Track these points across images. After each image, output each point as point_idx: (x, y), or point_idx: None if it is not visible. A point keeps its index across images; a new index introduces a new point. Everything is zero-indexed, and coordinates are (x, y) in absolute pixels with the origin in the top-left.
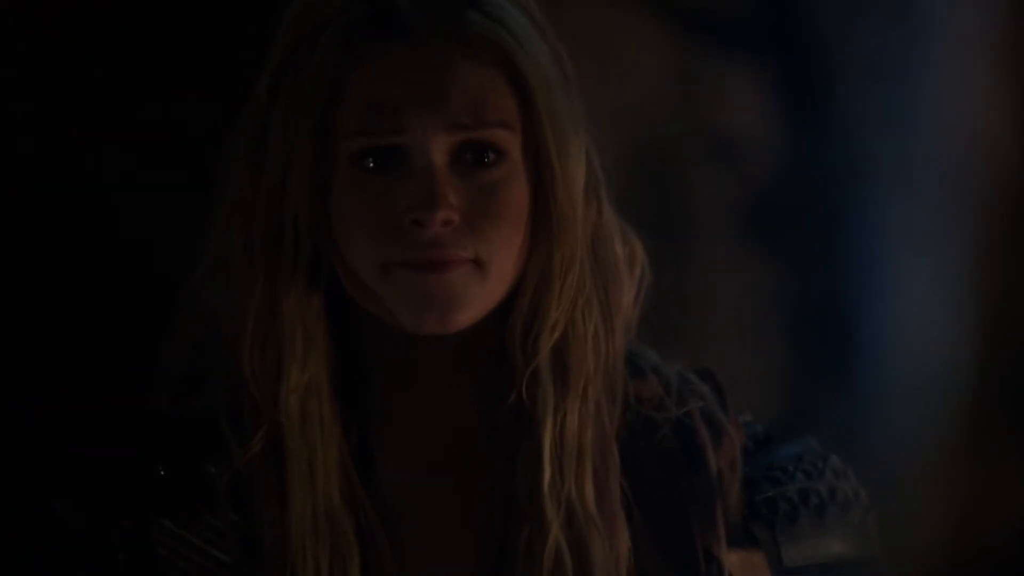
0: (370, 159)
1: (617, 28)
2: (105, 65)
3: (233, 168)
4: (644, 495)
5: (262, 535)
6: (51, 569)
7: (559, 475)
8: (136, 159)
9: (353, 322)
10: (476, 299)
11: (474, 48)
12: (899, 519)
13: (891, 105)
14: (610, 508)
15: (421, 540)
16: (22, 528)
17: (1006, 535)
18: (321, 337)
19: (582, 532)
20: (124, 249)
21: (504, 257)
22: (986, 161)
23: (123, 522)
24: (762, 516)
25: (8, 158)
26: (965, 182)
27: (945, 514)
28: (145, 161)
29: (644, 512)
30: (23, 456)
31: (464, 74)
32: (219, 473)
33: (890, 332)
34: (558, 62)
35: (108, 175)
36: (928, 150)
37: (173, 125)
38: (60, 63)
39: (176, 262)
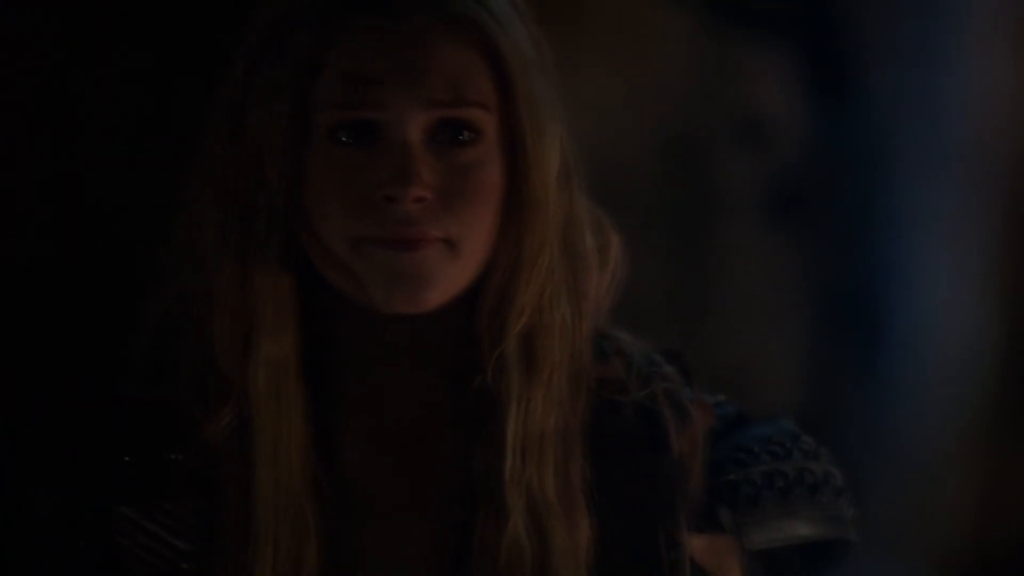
0: (345, 133)
1: (646, 13)
2: (106, 64)
3: (208, 142)
4: (607, 480)
5: (223, 518)
6: (18, 554)
7: (521, 462)
8: (135, 158)
9: (322, 301)
10: (446, 279)
11: (455, 27)
12: (922, 507)
13: (918, 91)
14: (571, 495)
15: (381, 523)
16: None
17: None
18: (291, 313)
19: (542, 520)
20: (119, 246)
21: (475, 238)
22: (1012, 148)
23: (86, 508)
24: (725, 499)
25: (7, 157)
26: (991, 169)
27: (969, 502)
28: (144, 160)
29: (606, 498)
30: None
31: (444, 52)
32: (180, 457)
33: (914, 319)
34: (537, 48)
35: (105, 173)
36: (954, 137)
37: (173, 124)
38: (59, 62)
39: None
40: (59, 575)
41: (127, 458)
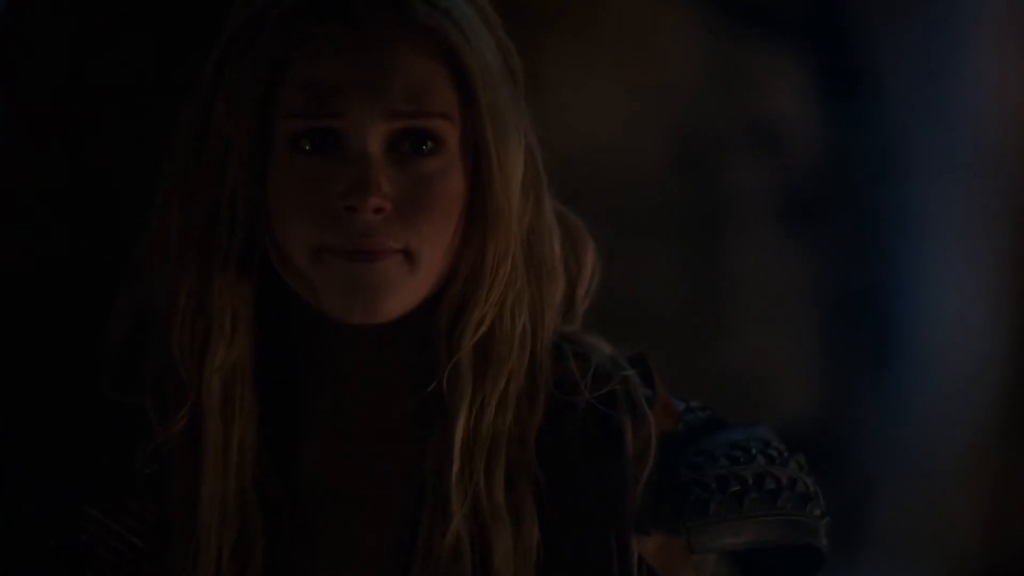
0: (306, 142)
1: (659, 18)
2: (113, 63)
3: (177, 146)
4: (558, 483)
5: (174, 521)
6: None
7: (468, 465)
8: (141, 157)
9: (284, 307)
10: (404, 290)
11: (418, 37)
12: (933, 513)
13: (931, 98)
14: (520, 498)
15: (336, 529)
16: None
17: None
18: (250, 319)
19: (486, 524)
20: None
21: (434, 249)
22: (1022, 154)
23: (59, 508)
24: (675, 502)
25: (15, 156)
26: (1004, 177)
27: (979, 509)
28: (150, 159)
29: (557, 500)
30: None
31: (406, 62)
32: (141, 459)
33: (926, 326)
34: (505, 58)
35: (113, 173)
36: (967, 144)
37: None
38: (67, 61)
39: None
40: (27, 573)
41: (103, 458)
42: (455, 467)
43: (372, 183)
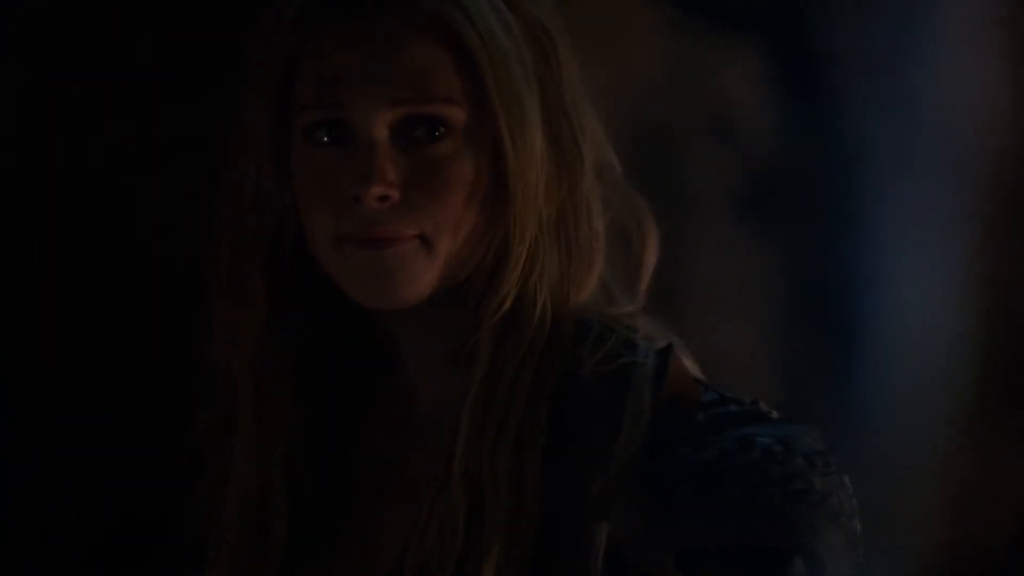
0: (324, 133)
1: (617, 9)
2: (121, 63)
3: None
4: (554, 456)
5: (210, 506)
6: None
7: (477, 438)
8: (154, 157)
9: (328, 295)
10: (422, 275)
11: (422, 24)
12: (898, 506)
13: (893, 90)
14: (525, 472)
15: (367, 509)
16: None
17: (1008, 528)
18: (281, 309)
19: (483, 497)
20: (138, 244)
21: (450, 233)
22: (988, 149)
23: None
24: (648, 490)
25: (26, 157)
26: (967, 170)
27: (946, 506)
28: (162, 159)
29: (552, 474)
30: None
31: (410, 50)
32: (182, 446)
33: (889, 320)
34: (530, 38)
35: (125, 173)
36: (929, 137)
37: (191, 123)
38: (76, 62)
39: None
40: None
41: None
42: (463, 438)
43: (376, 171)
